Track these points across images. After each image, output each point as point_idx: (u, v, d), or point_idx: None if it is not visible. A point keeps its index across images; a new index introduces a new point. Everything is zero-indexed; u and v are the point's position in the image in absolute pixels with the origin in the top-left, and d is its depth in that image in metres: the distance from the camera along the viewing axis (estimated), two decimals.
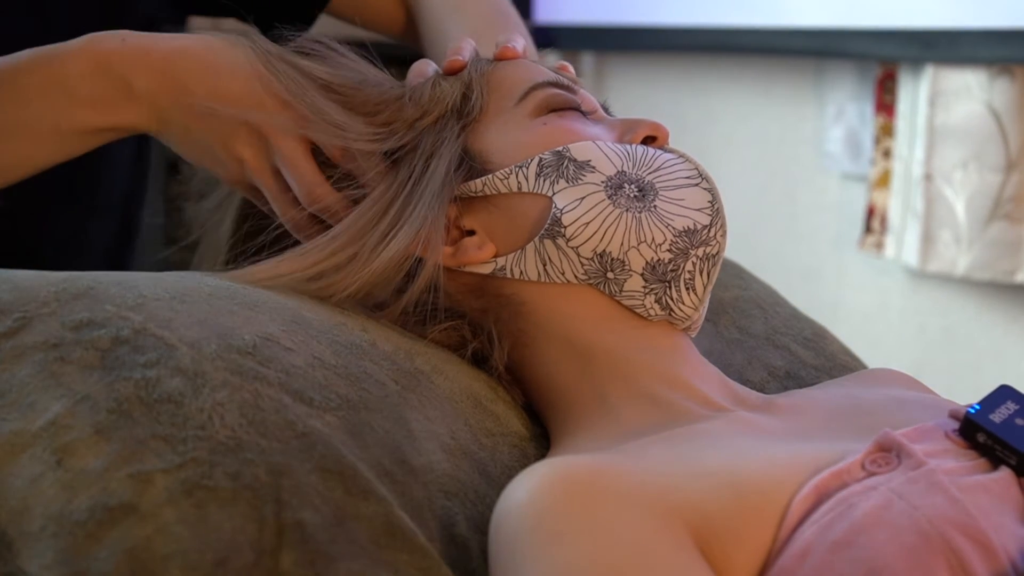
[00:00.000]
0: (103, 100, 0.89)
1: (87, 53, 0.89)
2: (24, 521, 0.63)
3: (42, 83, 0.89)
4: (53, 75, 0.88)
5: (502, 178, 0.86)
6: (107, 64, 0.88)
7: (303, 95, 0.89)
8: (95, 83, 0.88)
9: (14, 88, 0.88)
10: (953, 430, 0.72)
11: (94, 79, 0.88)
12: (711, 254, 0.85)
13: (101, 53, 0.89)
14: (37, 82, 0.88)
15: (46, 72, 0.89)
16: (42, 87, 0.89)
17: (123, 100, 0.89)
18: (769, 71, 2.31)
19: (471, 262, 0.86)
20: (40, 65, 0.89)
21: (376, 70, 0.95)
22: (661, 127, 0.88)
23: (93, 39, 0.89)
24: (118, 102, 0.89)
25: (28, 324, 0.71)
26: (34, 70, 0.89)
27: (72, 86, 0.88)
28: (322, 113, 0.88)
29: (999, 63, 1.89)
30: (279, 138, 0.88)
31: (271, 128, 0.88)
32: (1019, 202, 1.91)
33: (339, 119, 0.88)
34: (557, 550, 0.63)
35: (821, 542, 0.64)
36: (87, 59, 0.88)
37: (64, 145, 0.92)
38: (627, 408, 0.81)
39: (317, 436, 0.69)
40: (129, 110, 0.90)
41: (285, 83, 0.89)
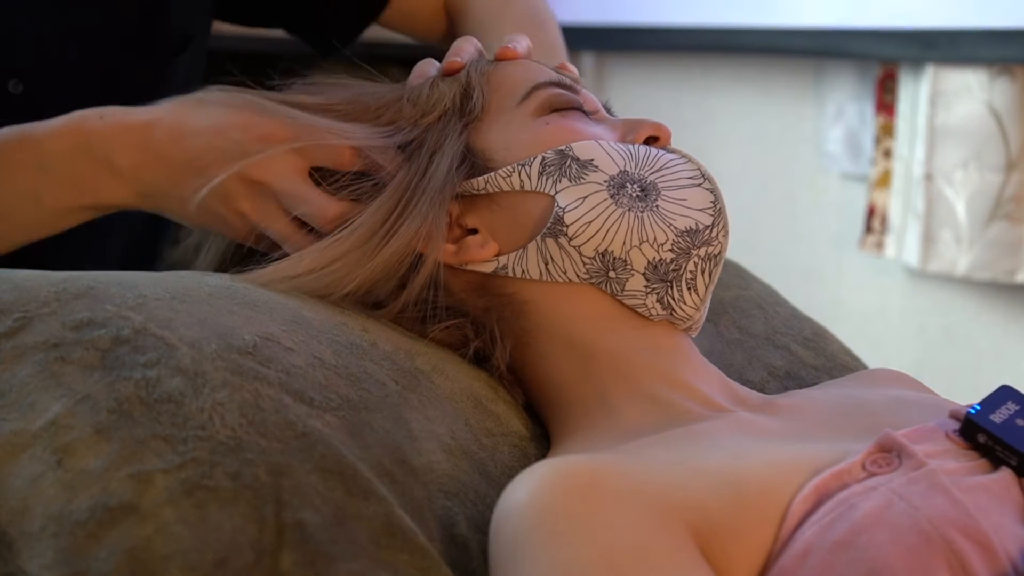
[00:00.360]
0: (84, 180, 0.88)
1: (66, 133, 0.88)
2: (24, 521, 0.63)
3: (21, 162, 0.88)
4: (32, 154, 0.88)
5: (504, 176, 0.86)
6: (87, 144, 0.88)
7: (292, 115, 0.88)
8: (75, 163, 0.88)
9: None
10: (954, 430, 0.72)
11: (74, 159, 0.88)
12: (713, 254, 0.85)
13: (81, 132, 0.88)
14: (16, 160, 0.88)
15: (25, 151, 0.88)
16: (21, 166, 0.88)
17: (106, 178, 0.88)
18: (769, 71, 2.30)
19: (473, 260, 0.86)
20: (19, 143, 0.88)
21: (372, 83, 0.96)
22: (663, 127, 0.89)
23: (72, 118, 0.89)
24: (100, 181, 0.88)
25: (28, 324, 0.71)
26: (13, 148, 0.88)
27: (52, 166, 0.88)
28: (318, 123, 0.88)
29: (999, 63, 1.89)
30: (273, 177, 0.86)
31: (262, 171, 0.86)
32: (1019, 202, 1.91)
33: (341, 125, 0.89)
34: (557, 550, 0.63)
35: (821, 542, 0.64)
36: (67, 139, 0.88)
37: (45, 224, 0.91)
38: (628, 408, 0.81)
39: (317, 436, 0.69)
40: (112, 188, 0.89)
41: (271, 110, 0.88)
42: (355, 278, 0.84)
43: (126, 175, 0.88)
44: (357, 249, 0.84)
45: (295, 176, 0.87)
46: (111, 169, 0.88)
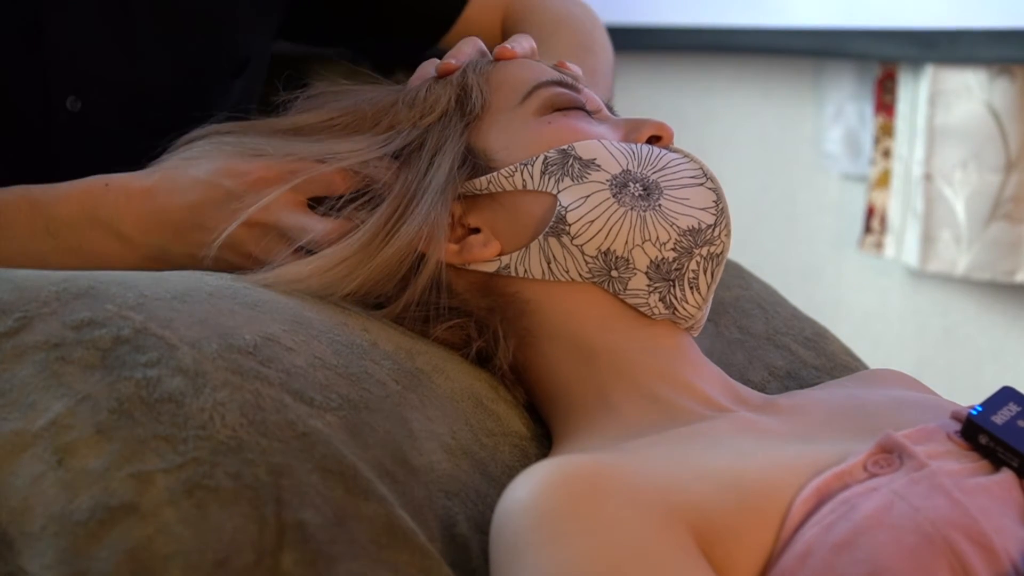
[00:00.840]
0: (91, 246, 0.90)
1: (74, 199, 0.89)
2: (25, 521, 0.63)
3: (30, 224, 0.89)
4: (41, 218, 0.89)
5: (507, 175, 0.86)
6: (94, 211, 0.89)
7: (280, 149, 0.89)
8: (83, 230, 0.89)
9: (4, 226, 0.89)
10: (955, 431, 0.72)
11: (82, 226, 0.89)
12: (715, 253, 0.85)
13: (88, 199, 0.89)
14: (25, 222, 0.89)
15: (35, 214, 0.89)
16: (30, 228, 0.89)
17: (113, 245, 0.90)
18: (769, 71, 2.30)
19: (476, 259, 0.86)
20: (30, 206, 0.89)
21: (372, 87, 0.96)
22: (666, 127, 0.89)
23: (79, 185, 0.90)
24: (107, 248, 0.90)
25: (29, 324, 0.71)
26: (24, 210, 0.89)
27: (59, 231, 0.89)
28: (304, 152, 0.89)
29: (999, 63, 1.89)
30: (274, 217, 0.87)
31: (262, 214, 0.87)
32: (1019, 202, 1.91)
33: (331, 146, 0.89)
34: (558, 550, 0.63)
35: (822, 543, 0.64)
36: (74, 205, 0.89)
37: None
38: (629, 407, 0.81)
39: (318, 436, 0.69)
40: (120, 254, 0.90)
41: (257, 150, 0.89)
42: (356, 279, 0.84)
43: (134, 241, 0.89)
44: (359, 251, 0.84)
45: (294, 210, 0.88)
46: (118, 236, 0.89)
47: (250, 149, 0.90)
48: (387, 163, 0.88)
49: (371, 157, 0.88)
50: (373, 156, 0.88)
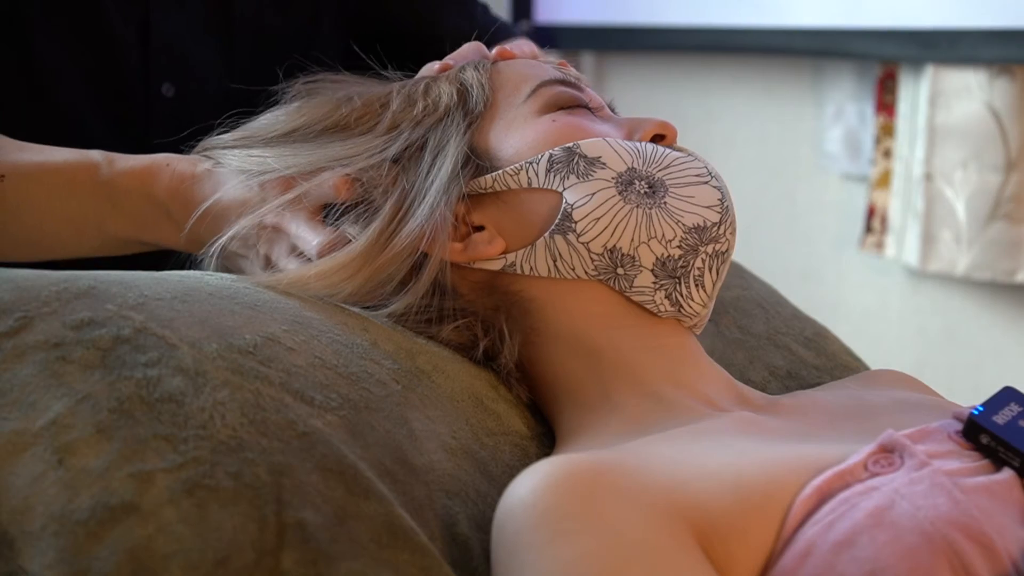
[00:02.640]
0: (145, 220, 0.97)
1: (137, 175, 0.97)
2: (25, 520, 0.63)
3: (94, 186, 0.97)
4: (105, 184, 0.97)
5: (512, 174, 0.86)
6: (151, 189, 0.96)
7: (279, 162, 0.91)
8: (138, 203, 0.96)
9: (70, 181, 0.97)
10: (956, 431, 0.72)
11: (138, 200, 0.96)
12: (720, 251, 0.85)
13: (148, 177, 0.96)
14: (90, 184, 0.97)
15: (100, 179, 0.97)
16: (93, 190, 0.97)
17: (163, 223, 0.96)
18: (769, 71, 2.30)
19: (480, 258, 0.86)
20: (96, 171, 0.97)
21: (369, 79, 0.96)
22: (669, 126, 0.89)
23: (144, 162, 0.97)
24: (159, 224, 0.97)
25: (29, 323, 0.71)
26: (91, 173, 0.97)
27: (120, 201, 0.96)
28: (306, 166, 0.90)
29: (999, 63, 1.89)
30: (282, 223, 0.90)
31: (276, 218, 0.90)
32: (1019, 202, 1.91)
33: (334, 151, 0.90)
34: (560, 548, 0.63)
35: (823, 542, 0.64)
36: (136, 180, 0.96)
37: (104, 244, 0.99)
38: (632, 406, 0.81)
39: (318, 436, 0.69)
40: (167, 232, 0.97)
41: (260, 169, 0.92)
42: (359, 280, 0.84)
43: (180, 222, 0.94)
44: (363, 253, 0.84)
45: (301, 218, 0.90)
46: (168, 216, 0.96)
47: (255, 164, 0.92)
48: (388, 167, 0.88)
49: (371, 163, 0.88)
50: (374, 161, 0.88)
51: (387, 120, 0.90)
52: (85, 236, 0.99)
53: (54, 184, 0.97)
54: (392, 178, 0.88)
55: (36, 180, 0.97)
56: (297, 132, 0.93)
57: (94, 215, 0.97)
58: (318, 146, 0.91)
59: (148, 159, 0.98)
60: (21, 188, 0.97)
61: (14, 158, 0.97)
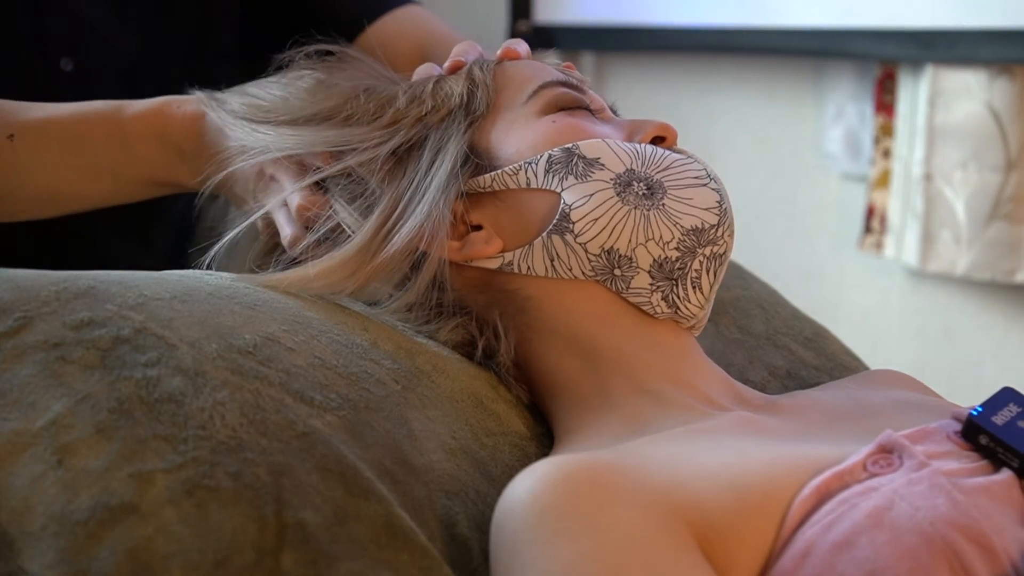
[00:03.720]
0: (158, 162, 0.99)
1: (148, 118, 0.99)
2: (25, 521, 0.63)
3: (106, 136, 0.99)
4: (116, 132, 0.99)
5: (511, 173, 0.86)
6: (163, 131, 0.98)
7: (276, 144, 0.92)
8: (151, 148, 0.99)
9: (82, 135, 0.99)
10: (955, 432, 0.72)
11: (151, 144, 0.99)
12: (718, 253, 0.85)
13: (159, 119, 0.99)
14: (101, 134, 0.99)
15: (111, 128, 0.99)
16: (106, 140, 0.99)
17: (176, 163, 0.99)
18: (769, 71, 2.30)
19: (478, 256, 0.86)
20: (106, 120, 0.99)
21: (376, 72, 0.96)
22: (670, 127, 0.89)
23: (153, 105, 0.99)
24: (171, 164, 0.99)
25: (29, 323, 0.71)
26: (101, 123, 0.99)
27: (132, 146, 0.99)
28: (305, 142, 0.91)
29: (999, 63, 1.89)
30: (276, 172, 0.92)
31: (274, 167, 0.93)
32: (1019, 202, 1.91)
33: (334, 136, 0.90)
34: (558, 548, 0.63)
35: (822, 542, 0.64)
36: (147, 124, 0.99)
37: (119, 191, 1.02)
38: (630, 406, 0.81)
39: (318, 436, 0.69)
40: (181, 171, 0.99)
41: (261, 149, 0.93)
42: (359, 278, 0.84)
43: (192, 162, 0.97)
44: (361, 250, 0.84)
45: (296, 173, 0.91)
46: (181, 155, 0.98)
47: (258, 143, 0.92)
48: (384, 159, 0.88)
49: (368, 157, 0.88)
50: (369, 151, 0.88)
51: (389, 115, 0.90)
52: (99, 185, 1.00)
53: (65, 138, 0.98)
54: (387, 171, 0.88)
55: (46, 135, 0.98)
56: (302, 119, 0.93)
57: (108, 163, 0.99)
58: (320, 131, 0.91)
59: (156, 102, 0.99)
60: (32, 145, 0.98)
61: (22, 117, 0.99)
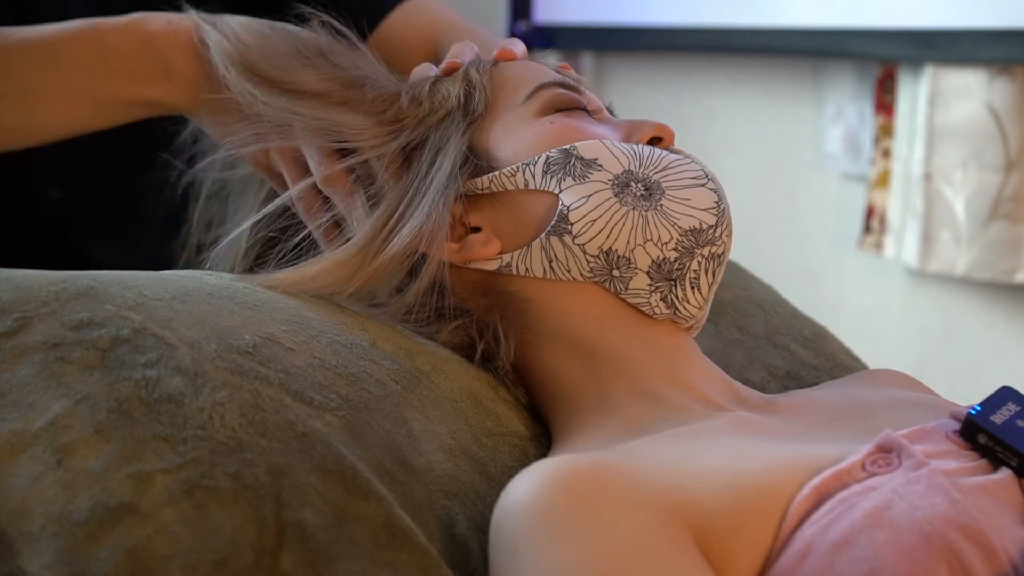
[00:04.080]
0: (140, 76, 0.93)
1: (131, 30, 0.93)
2: (24, 521, 0.63)
3: (84, 51, 0.93)
4: (95, 46, 0.93)
5: (509, 175, 0.86)
6: (149, 43, 0.92)
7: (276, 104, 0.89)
8: (135, 59, 0.92)
9: (57, 53, 0.93)
10: (954, 431, 0.72)
11: (135, 55, 0.92)
12: (716, 254, 0.85)
13: (145, 32, 0.92)
14: (79, 50, 0.93)
15: (88, 42, 0.93)
16: (83, 55, 0.93)
17: (161, 79, 0.93)
18: (769, 71, 2.30)
19: (476, 258, 0.86)
20: (84, 34, 0.93)
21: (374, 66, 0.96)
22: (667, 128, 0.89)
23: (139, 18, 0.93)
24: (155, 80, 0.93)
25: (28, 324, 0.71)
26: (78, 38, 0.93)
27: (111, 59, 0.92)
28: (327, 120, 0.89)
29: (999, 63, 1.89)
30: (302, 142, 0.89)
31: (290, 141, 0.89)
32: (1019, 202, 1.91)
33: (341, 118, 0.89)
34: (557, 549, 0.63)
35: (821, 542, 0.64)
36: (130, 35, 0.92)
37: (99, 113, 0.95)
38: (629, 407, 0.81)
39: (317, 436, 0.69)
40: (165, 89, 0.93)
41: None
42: (359, 279, 0.84)
43: (180, 79, 0.92)
44: (361, 251, 0.84)
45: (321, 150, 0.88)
46: (167, 71, 0.92)
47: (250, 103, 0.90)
48: (393, 155, 0.88)
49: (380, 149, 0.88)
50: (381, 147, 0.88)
51: (392, 113, 0.90)
52: (80, 107, 0.95)
53: (43, 56, 0.93)
54: (394, 170, 0.87)
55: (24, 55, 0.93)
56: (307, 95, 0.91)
57: (87, 80, 0.93)
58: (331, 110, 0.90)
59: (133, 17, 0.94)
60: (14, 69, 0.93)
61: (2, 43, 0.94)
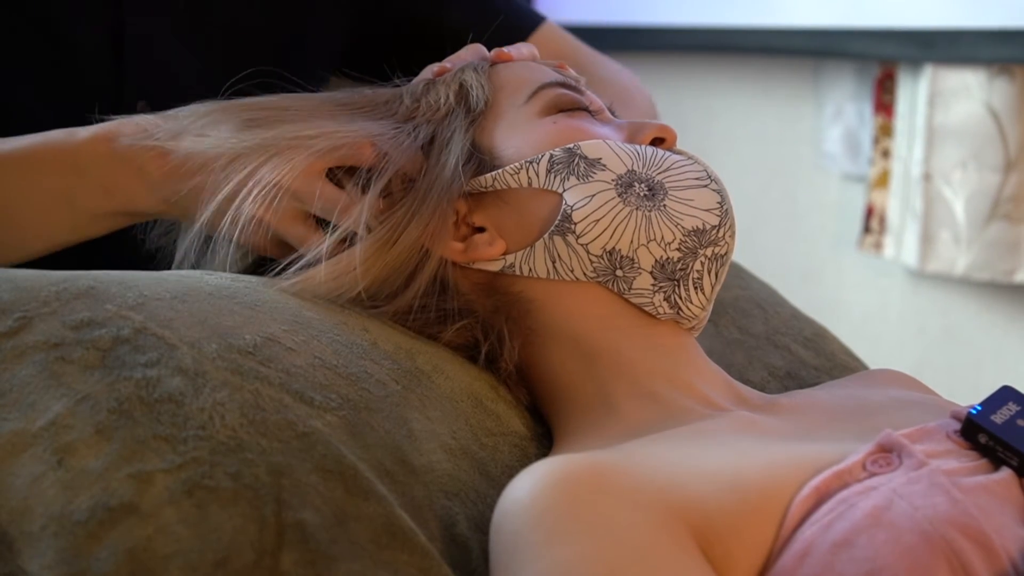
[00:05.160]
0: (117, 185, 0.91)
1: (103, 138, 0.91)
2: (25, 521, 0.63)
3: (57, 164, 0.91)
4: (69, 157, 0.91)
5: (512, 173, 0.86)
6: (115, 146, 0.90)
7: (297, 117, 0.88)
8: (110, 167, 0.90)
9: (34, 163, 0.91)
10: (954, 431, 0.72)
11: (109, 164, 0.90)
12: (720, 254, 0.85)
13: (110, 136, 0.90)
14: (52, 162, 0.91)
15: (62, 154, 0.91)
16: (57, 168, 0.91)
17: (136, 185, 0.90)
18: (768, 71, 2.31)
19: (481, 258, 0.86)
20: (57, 147, 0.91)
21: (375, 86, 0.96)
22: (669, 129, 0.89)
23: (108, 125, 0.92)
24: (131, 187, 0.91)
25: (29, 324, 0.71)
26: (51, 151, 0.91)
27: (87, 168, 0.90)
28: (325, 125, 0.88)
29: (998, 63, 1.89)
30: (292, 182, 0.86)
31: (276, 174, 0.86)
32: (1018, 202, 1.91)
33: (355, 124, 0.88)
34: (557, 549, 0.63)
35: (821, 542, 0.64)
36: (103, 144, 0.90)
37: (77, 225, 0.93)
38: (630, 407, 0.81)
39: (318, 436, 0.69)
40: (142, 195, 0.91)
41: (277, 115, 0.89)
42: (367, 279, 0.84)
43: (155, 183, 0.90)
44: (371, 250, 0.84)
45: (315, 178, 0.86)
46: (141, 176, 0.90)
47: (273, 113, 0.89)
48: (415, 150, 0.88)
49: (404, 144, 0.87)
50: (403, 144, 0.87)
51: (401, 112, 0.90)
52: (55, 218, 0.92)
53: (18, 168, 0.91)
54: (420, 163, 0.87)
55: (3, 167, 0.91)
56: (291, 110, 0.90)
57: (63, 191, 0.91)
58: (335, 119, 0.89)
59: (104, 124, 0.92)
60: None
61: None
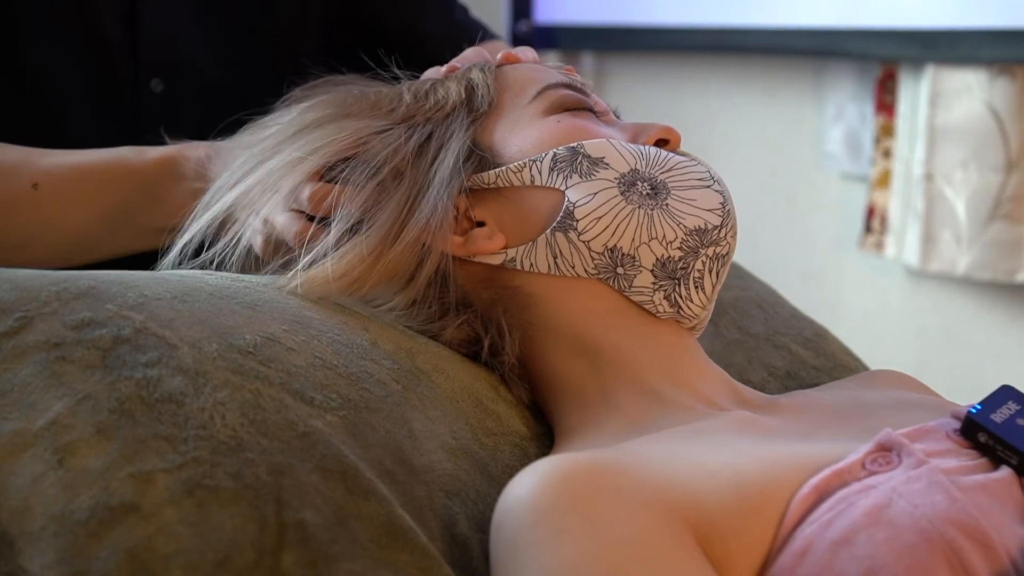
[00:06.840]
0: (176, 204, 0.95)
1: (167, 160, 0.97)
2: (25, 520, 0.63)
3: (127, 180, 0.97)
4: (136, 175, 0.98)
5: (515, 170, 0.86)
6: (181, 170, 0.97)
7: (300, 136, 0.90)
8: (170, 187, 0.97)
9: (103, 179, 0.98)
10: (954, 430, 0.72)
11: (170, 183, 0.97)
12: (721, 254, 0.85)
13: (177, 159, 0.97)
14: (123, 179, 0.97)
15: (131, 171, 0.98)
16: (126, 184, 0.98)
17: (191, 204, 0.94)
18: (769, 71, 2.31)
19: (480, 252, 0.86)
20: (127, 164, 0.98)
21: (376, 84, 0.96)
22: (673, 131, 0.89)
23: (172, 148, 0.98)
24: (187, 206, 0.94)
25: (29, 323, 0.71)
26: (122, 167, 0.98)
27: (151, 188, 0.97)
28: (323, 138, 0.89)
29: (999, 63, 1.89)
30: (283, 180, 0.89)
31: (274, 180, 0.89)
32: (1019, 202, 1.91)
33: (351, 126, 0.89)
34: (558, 547, 0.63)
35: (821, 541, 0.64)
36: (165, 164, 0.97)
37: (138, 238, 0.99)
38: (631, 403, 0.81)
39: (318, 436, 0.70)
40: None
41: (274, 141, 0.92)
42: (372, 278, 0.84)
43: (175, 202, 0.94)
44: (373, 249, 0.84)
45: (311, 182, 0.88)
46: (196, 197, 0.94)
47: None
48: (408, 148, 0.88)
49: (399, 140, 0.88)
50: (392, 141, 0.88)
51: (400, 112, 0.90)
52: (119, 232, 0.99)
53: (88, 182, 0.97)
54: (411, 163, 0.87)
55: (69, 182, 0.97)
56: (307, 128, 0.92)
57: (128, 208, 0.97)
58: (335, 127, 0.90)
59: (175, 145, 0.98)
60: (57, 192, 0.97)
61: (44, 164, 0.98)
